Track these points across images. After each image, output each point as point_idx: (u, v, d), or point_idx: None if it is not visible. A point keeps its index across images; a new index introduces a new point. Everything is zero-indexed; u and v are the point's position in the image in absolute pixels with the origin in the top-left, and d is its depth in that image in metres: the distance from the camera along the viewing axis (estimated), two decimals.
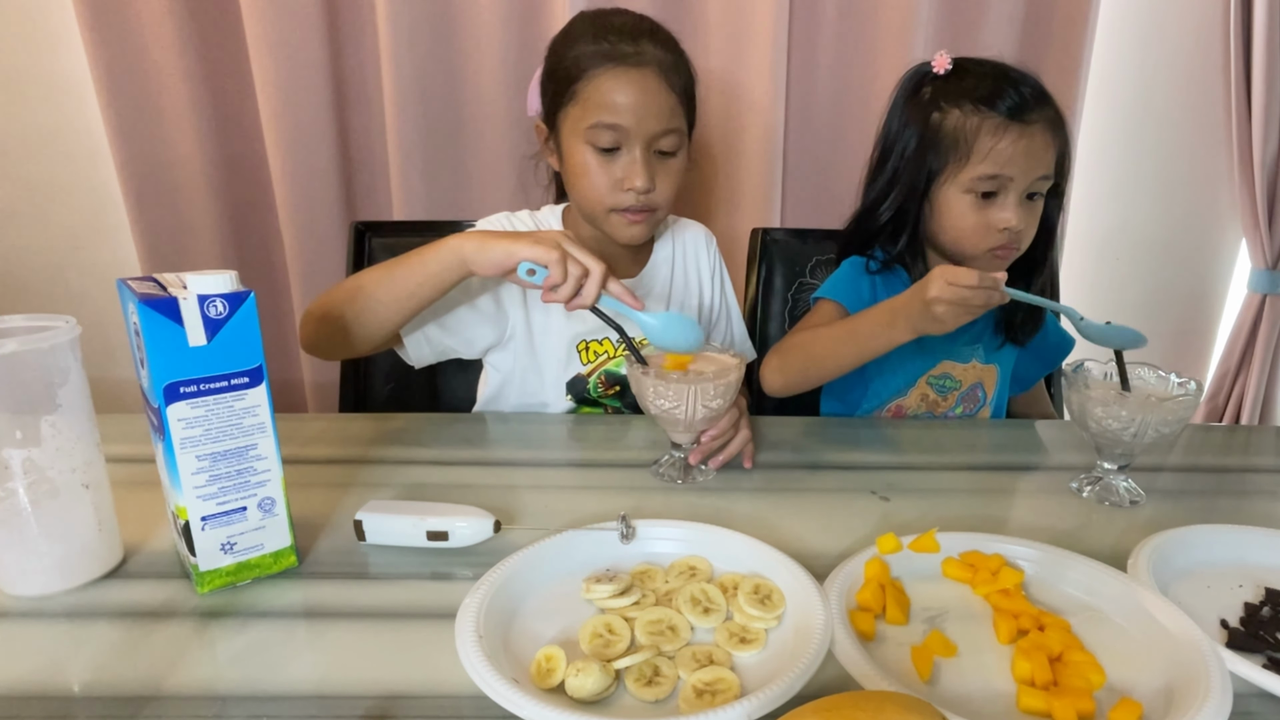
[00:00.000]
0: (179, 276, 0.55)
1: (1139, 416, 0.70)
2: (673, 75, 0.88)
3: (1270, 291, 1.64)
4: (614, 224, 0.92)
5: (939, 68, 0.93)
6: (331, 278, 1.49)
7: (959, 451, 0.88)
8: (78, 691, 0.47)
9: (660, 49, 0.87)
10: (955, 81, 0.92)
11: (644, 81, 0.85)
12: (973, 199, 0.91)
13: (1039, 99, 0.89)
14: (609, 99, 0.85)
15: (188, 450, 0.54)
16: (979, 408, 1.05)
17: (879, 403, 1.04)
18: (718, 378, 0.72)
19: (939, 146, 0.91)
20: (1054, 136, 0.89)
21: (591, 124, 0.86)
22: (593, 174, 0.89)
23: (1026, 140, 0.88)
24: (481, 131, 1.46)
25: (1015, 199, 0.89)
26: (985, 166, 0.88)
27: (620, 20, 0.88)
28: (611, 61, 0.85)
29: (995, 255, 0.93)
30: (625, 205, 0.89)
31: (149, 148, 1.43)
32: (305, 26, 1.37)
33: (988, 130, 0.88)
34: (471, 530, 0.62)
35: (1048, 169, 0.90)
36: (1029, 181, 0.89)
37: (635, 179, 0.87)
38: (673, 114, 0.88)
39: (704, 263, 1.08)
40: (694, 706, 0.45)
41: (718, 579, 0.59)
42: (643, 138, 0.86)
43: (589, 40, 0.86)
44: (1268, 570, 0.62)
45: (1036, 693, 0.47)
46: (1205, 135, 1.62)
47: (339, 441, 0.86)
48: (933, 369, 1.02)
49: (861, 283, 0.98)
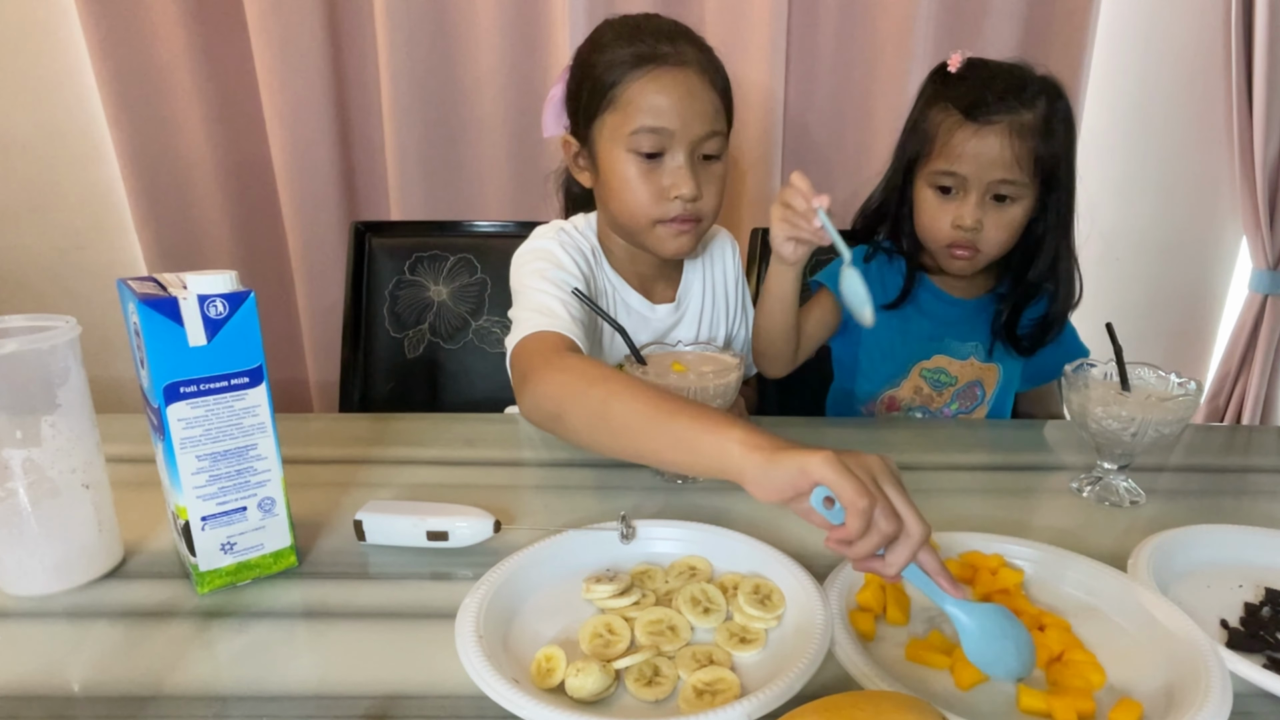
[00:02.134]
0: (179, 276, 0.55)
1: (1139, 416, 0.70)
2: (714, 75, 0.85)
3: (1271, 292, 1.64)
4: (659, 237, 0.87)
5: (951, 66, 0.94)
6: (333, 277, 1.49)
7: (959, 451, 0.88)
8: (78, 691, 0.47)
9: (697, 49, 0.85)
10: (954, 81, 0.92)
11: (687, 82, 0.82)
12: (934, 194, 0.93)
13: (1017, 104, 0.87)
14: (651, 101, 0.81)
15: (188, 450, 0.54)
16: (976, 405, 1.05)
17: (872, 389, 1.05)
18: (718, 378, 0.72)
19: (917, 139, 0.94)
20: (1023, 141, 0.87)
21: (634, 129, 0.81)
22: (634, 184, 0.84)
23: (979, 140, 0.88)
24: (481, 132, 1.46)
25: (975, 198, 0.90)
26: (940, 162, 0.91)
27: (653, 24, 0.85)
28: (650, 64, 0.81)
29: (953, 253, 0.93)
30: (672, 215, 0.84)
31: (153, 148, 1.43)
32: (307, 27, 1.37)
33: (947, 128, 0.90)
34: (471, 530, 0.62)
35: (1008, 173, 0.88)
36: (986, 183, 0.89)
37: (682, 186, 0.82)
38: (716, 115, 0.84)
39: (730, 273, 1.04)
40: (694, 707, 0.45)
41: (718, 579, 0.59)
42: (687, 141, 0.82)
43: (623, 44, 0.83)
44: (1268, 570, 0.62)
45: (1036, 693, 0.47)
46: (1206, 135, 1.62)
47: (339, 441, 0.86)
48: (926, 360, 1.03)
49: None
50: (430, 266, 1.18)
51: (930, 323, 1.02)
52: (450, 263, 1.18)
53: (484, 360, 1.19)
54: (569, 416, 0.66)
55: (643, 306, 0.95)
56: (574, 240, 0.91)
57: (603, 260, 0.93)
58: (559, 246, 0.88)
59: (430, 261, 1.18)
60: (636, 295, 0.95)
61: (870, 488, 0.49)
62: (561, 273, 0.85)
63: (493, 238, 1.20)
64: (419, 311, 1.18)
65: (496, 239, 1.19)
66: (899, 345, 1.02)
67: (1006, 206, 0.91)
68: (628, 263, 0.94)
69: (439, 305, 1.18)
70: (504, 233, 1.20)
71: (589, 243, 0.93)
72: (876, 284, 1.00)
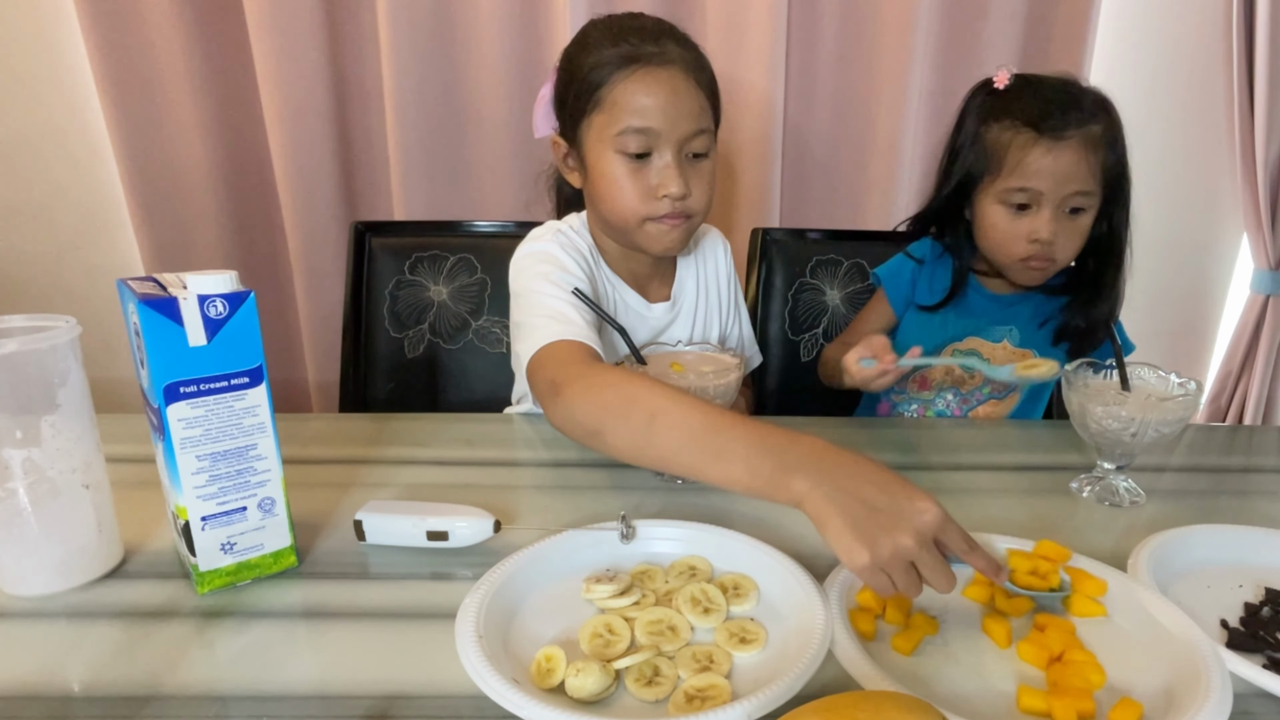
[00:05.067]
0: (179, 276, 0.55)
1: (1139, 416, 0.70)
2: (699, 73, 0.85)
3: (1272, 292, 1.64)
4: (649, 234, 0.87)
5: (999, 83, 0.96)
6: (333, 277, 1.49)
7: (959, 452, 0.88)
8: (78, 691, 0.47)
9: (682, 47, 0.85)
10: (1007, 97, 0.95)
11: (672, 81, 0.82)
12: (1006, 210, 0.94)
13: (1083, 117, 0.90)
14: (637, 102, 0.81)
15: (188, 450, 0.54)
16: (1010, 391, 1.06)
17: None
18: (718, 378, 0.72)
19: (980, 157, 0.95)
20: (1092, 153, 0.90)
21: (620, 130, 0.82)
22: (622, 184, 0.84)
23: (1055, 155, 0.90)
24: (481, 132, 1.46)
25: (1049, 212, 0.92)
26: (1015, 180, 0.92)
27: (638, 23, 0.85)
28: (635, 64, 0.82)
29: (1028, 265, 0.95)
30: (661, 213, 0.85)
31: (153, 148, 1.43)
32: (307, 27, 1.37)
33: (1018, 145, 0.91)
34: (471, 530, 0.62)
35: (1083, 185, 0.91)
36: (1062, 196, 0.91)
37: (670, 185, 0.83)
38: (702, 113, 0.85)
39: (722, 271, 1.05)
40: (683, 711, 0.45)
41: (718, 579, 0.59)
42: (674, 140, 0.83)
43: (608, 45, 0.83)
44: (1268, 570, 0.62)
45: (1037, 692, 0.47)
46: (1207, 135, 1.62)
47: (339, 441, 0.86)
48: (959, 342, 1.04)
49: (904, 269, 1.07)
50: (430, 266, 1.18)
51: (969, 316, 1.04)
52: (450, 263, 1.18)
53: (484, 360, 1.19)
54: (610, 435, 0.65)
55: (640, 305, 0.95)
56: (572, 241, 0.91)
57: (600, 260, 0.93)
58: (559, 248, 0.88)
59: (430, 261, 1.18)
60: (634, 294, 0.95)
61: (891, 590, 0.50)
62: (566, 275, 0.85)
63: (493, 238, 1.20)
64: (419, 311, 1.18)
65: (496, 239, 1.19)
66: (933, 326, 1.05)
67: (1078, 217, 0.94)
68: (622, 262, 0.95)
69: (439, 305, 1.18)
70: (504, 233, 1.20)
71: (586, 242, 0.93)
72: (925, 284, 1.06)
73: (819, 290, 1.24)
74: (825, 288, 1.24)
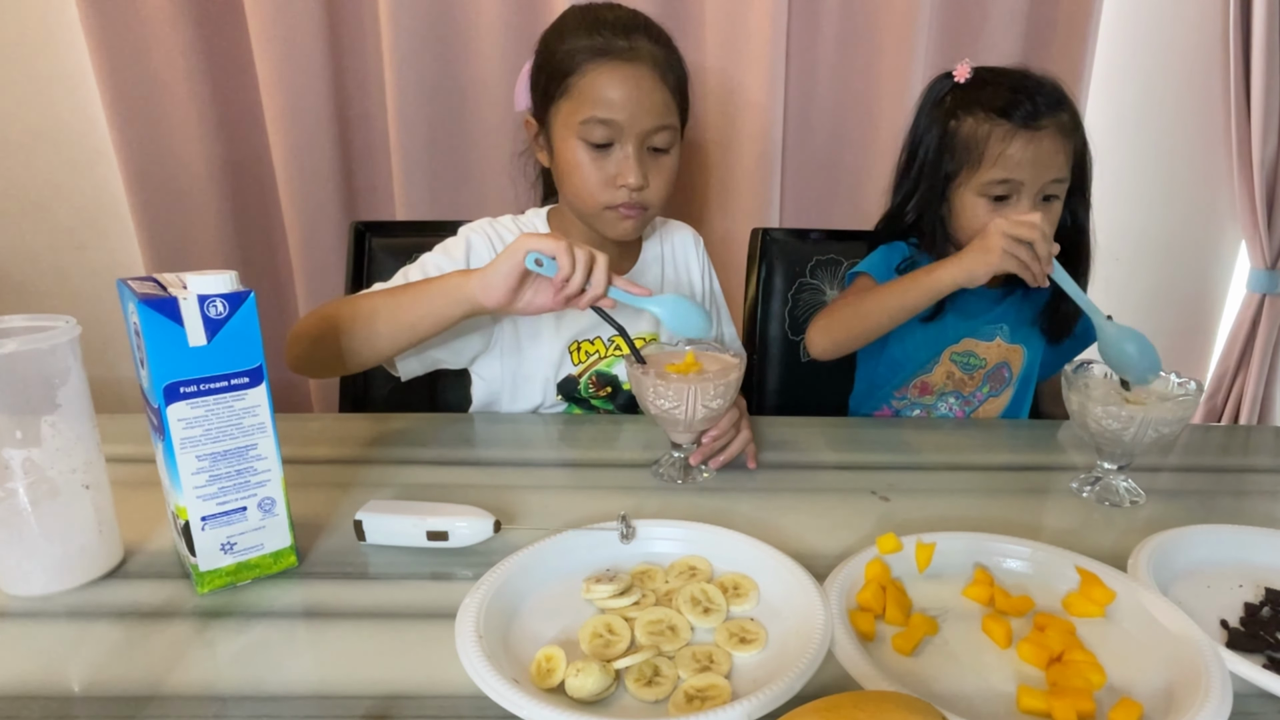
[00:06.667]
0: (179, 276, 0.55)
1: (1139, 416, 0.70)
2: (666, 71, 0.87)
3: (1269, 291, 1.64)
4: (606, 220, 0.91)
5: (960, 76, 0.96)
6: (333, 277, 1.49)
7: (959, 451, 0.88)
8: (78, 691, 0.47)
9: (654, 44, 0.87)
10: (973, 90, 0.95)
11: (638, 77, 0.85)
12: (986, 202, 0.94)
13: (1052, 105, 0.91)
14: (602, 94, 0.84)
15: (188, 450, 0.54)
16: (1004, 387, 1.07)
17: (904, 377, 1.06)
18: (718, 377, 0.72)
19: (955, 152, 0.95)
20: (1065, 140, 0.92)
21: (584, 119, 0.85)
22: (585, 170, 0.88)
23: (1034, 146, 0.90)
24: (482, 131, 1.46)
25: (1029, 202, 0.92)
26: (996, 171, 0.92)
27: (613, 15, 0.87)
28: (604, 56, 0.84)
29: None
30: (619, 202, 0.89)
31: (153, 148, 1.43)
32: (308, 26, 1.36)
33: (997, 137, 0.92)
34: (471, 530, 0.62)
35: (1059, 172, 0.92)
36: (1040, 185, 0.92)
37: (628, 176, 0.86)
38: (666, 110, 0.87)
39: (694, 262, 1.08)
40: (683, 711, 0.45)
41: (718, 579, 0.59)
42: (636, 134, 0.86)
43: (582, 34, 0.85)
44: (1268, 570, 0.62)
45: (1037, 692, 0.47)
46: (1205, 135, 1.62)
47: (339, 441, 0.86)
48: (955, 344, 1.04)
49: (894, 259, 1.05)
50: None
51: (958, 313, 1.04)
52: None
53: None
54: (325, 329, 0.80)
55: None
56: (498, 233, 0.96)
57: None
58: (479, 236, 0.95)
59: None
60: None
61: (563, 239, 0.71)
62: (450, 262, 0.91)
63: None
64: None
65: None
66: (929, 329, 1.05)
67: (1053, 204, 0.95)
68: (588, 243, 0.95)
69: None
70: None
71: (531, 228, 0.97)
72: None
73: (819, 290, 1.24)
74: (825, 288, 1.24)
